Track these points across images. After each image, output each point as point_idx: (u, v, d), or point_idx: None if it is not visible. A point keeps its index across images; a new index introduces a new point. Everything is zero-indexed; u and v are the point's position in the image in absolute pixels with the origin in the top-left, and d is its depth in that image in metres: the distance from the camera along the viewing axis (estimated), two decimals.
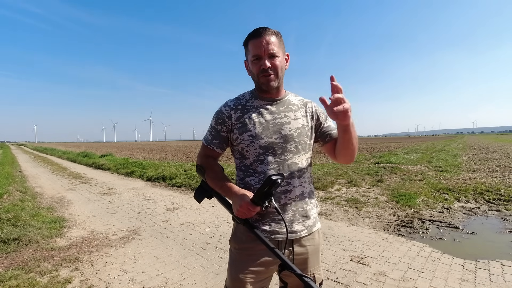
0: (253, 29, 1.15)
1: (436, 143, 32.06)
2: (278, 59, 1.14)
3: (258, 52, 1.12)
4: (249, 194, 1.06)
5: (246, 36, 1.17)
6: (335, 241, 3.51)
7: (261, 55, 1.12)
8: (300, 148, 1.19)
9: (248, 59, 1.19)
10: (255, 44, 1.12)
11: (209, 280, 2.63)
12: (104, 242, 3.65)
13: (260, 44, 1.11)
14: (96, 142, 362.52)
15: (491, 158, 12.34)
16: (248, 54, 1.18)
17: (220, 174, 1.20)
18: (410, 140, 60.31)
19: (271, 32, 1.14)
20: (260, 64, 1.13)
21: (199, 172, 1.26)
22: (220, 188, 1.16)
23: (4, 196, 5.94)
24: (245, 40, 1.18)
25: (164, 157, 18.14)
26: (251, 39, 1.14)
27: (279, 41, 1.16)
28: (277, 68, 1.14)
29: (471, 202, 5.23)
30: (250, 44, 1.15)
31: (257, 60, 1.13)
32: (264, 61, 1.12)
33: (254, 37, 1.13)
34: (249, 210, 1.02)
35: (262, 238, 1.06)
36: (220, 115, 1.22)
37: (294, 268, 0.98)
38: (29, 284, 2.54)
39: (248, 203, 1.02)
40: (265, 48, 1.11)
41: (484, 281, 2.52)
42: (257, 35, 1.12)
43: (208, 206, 5.32)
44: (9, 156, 22.77)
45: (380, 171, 8.83)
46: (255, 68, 1.15)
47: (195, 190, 1.28)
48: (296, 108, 1.24)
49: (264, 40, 1.11)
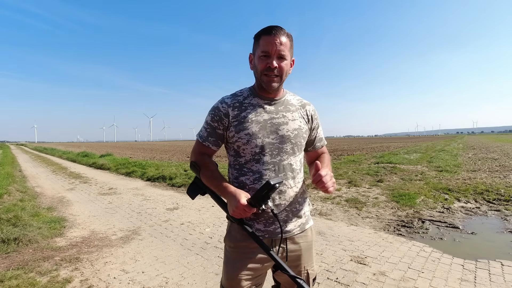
0: (268, 25, 1.13)
1: (436, 143, 32.06)
2: (285, 62, 1.13)
3: (269, 49, 1.10)
4: (244, 195, 1.05)
5: (260, 30, 1.14)
6: (335, 241, 3.51)
7: (271, 53, 1.11)
8: (295, 149, 1.20)
9: (255, 53, 1.17)
10: (268, 41, 1.11)
11: (209, 280, 2.63)
12: (104, 242, 3.65)
13: (273, 42, 1.10)
14: (96, 142, 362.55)
15: (491, 158, 12.34)
16: (257, 49, 1.15)
17: (216, 173, 1.18)
18: (410, 140, 60.31)
19: (286, 33, 1.13)
20: (267, 62, 1.11)
21: (194, 169, 1.24)
22: (216, 187, 1.14)
23: (4, 196, 5.94)
24: (257, 33, 1.15)
25: (164, 157, 18.13)
26: (264, 34, 1.12)
27: (290, 44, 1.15)
28: (282, 70, 1.13)
29: (471, 202, 5.23)
30: (262, 39, 1.12)
31: (265, 57, 1.12)
32: (272, 60, 1.11)
33: (268, 34, 1.11)
34: (245, 211, 1.01)
35: (256, 238, 1.06)
36: (217, 112, 1.20)
37: (288, 270, 1.00)
38: (29, 284, 2.54)
39: (244, 205, 1.01)
40: (276, 47, 1.10)
41: (484, 281, 2.52)
42: (272, 32, 1.11)
43: (208, 206, 5.32)
44: (9, 156, 22.77)
45: (380, 171, 8.83)
46: (261, 64, 1.13)
47: (188, 186, 1.25)
48: (294, 108, 1.24)
49: (277, 39, 1.10)
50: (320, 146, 1.35)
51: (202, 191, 1.21)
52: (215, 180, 1.15)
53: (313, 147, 1.33)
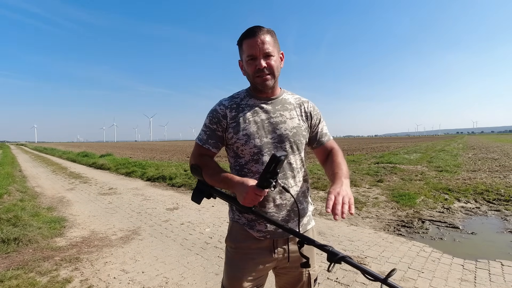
0: (246, 29, 1.13)
1: (436, 143, 32.05)
2: (274, 59, 1.12)
3: (253, 52, 1.10)
4: (252, 180, 1.02)
5: (240, 36, 1.14)
6: (335, 241, 3.51)
7: (256, 55, 1.10)
8: (295, 148, 1.18)
9: (242, 59, 1.17)
10: (250, 44, 1.10)
11: (209, 280, 2.63)
12: (104, 242, 3.65)
13: (255, 43, 1.09)
14: (96, 142, 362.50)
15: (491, 158, 12.34)
16: (242, 54, 1.15)
17: (218, 169, 1.15)
18: (410, 140, 60.31)
19: (266, 31, 1.12)
20: (255, 64, 1.11)
21: (195, 172, 1.20)
22: (221, 182, 1.11)
23: (4, 196, 5.94)
24: (239, 39, 1.15)
25: (164, 157, 18.13)
26: (245, 38, 1.12)
27: (273, 40, 1.14)
28: (272, 67, 1.12)
29: (471, 202, 5.23)
30: (244, 44, 1.12)
31: (252, 60, 1.11)
32: (259, 61, 1.10)
33: (248, 37, 1.11)
34: (256, 195, 0.98)
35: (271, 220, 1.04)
36: (215, 114, 1.19)
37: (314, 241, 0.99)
38: (29, 284, 2.54)
39: (254, 188, 0.98)
40: (260, 47, 1.09)
41: (484, 281, 2.52)
42: (252, 34, 1.10)
43: (208, 206, 5.32)
44: (9, 156, 22.77)
45: (380, 171, 8.83)
46: (250, 68, 1.13)
47: (192, 192, 1.20)
48: (292, 107, 1.23)
49: (259, 39, 1.09)
50: (325, 141, 1.28)
51: (206, 193, 1.17)
52: (218, 175, 1.12)
53: (318, 143, 1.27)
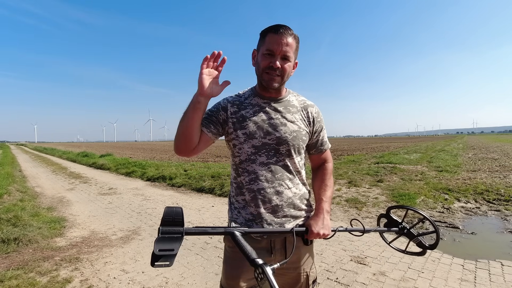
0: (276, 23, 1.11)
1: (436, 143, 32.05)
2: (289, 64, 1.12)
3: (274, 48, 1.08)
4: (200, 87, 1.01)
5: (267, 27, 1.12)
6: (335, 241, 3.51)
7: (276, 53, 1.09)
8: (292, 152, 1.17)
9: (259, 50, 1.14)
10: (274, 39, 1.08)
11: (209, 280, 2.63)
12: (104, 242, 3.65)
13: (280, 41, 1.08)
14: (96, 142, 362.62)
15: (491, 158, 12.34)
16: (262, 45, 1.13)
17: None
18: (410, 140, 60.31)
19: (293, 34, 1.11)
20: (270, 61, 1.09)
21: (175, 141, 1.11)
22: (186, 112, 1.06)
23: (4, 196, 5.94)
24: (264, 30, 1.13)
25: (164, 157, 18.12)
26: (271, 32, 1.10)
27: (296, 46, 1.13)
28: (285, 71, 1.12)
29: (471, 202, 5.23)
30: (268, 37, 1.10)
31: (269, 56, 1.10)
32: (276, 59, 1.09)
33: (275, 32, 1.09)
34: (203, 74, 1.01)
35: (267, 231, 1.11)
36: (217, 105, 1.21)
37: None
38: (29, 284, 2.54)
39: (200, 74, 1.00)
40: (282, 47, 1.08)
41: (484, 281, 2.53)
42: (279, 31, 1.08)
43: (208, 206, 5.32)
44: (9, 156, 22.77)
45: (380, 171, 8.83)
46: (264, 61, 1.11)
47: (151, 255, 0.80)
48: (295, 110, 1.21)
49: (284, 39, 1.08)
50: (323, 150, 1.30)
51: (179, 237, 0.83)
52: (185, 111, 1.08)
53: (317, 150, 1.28)
